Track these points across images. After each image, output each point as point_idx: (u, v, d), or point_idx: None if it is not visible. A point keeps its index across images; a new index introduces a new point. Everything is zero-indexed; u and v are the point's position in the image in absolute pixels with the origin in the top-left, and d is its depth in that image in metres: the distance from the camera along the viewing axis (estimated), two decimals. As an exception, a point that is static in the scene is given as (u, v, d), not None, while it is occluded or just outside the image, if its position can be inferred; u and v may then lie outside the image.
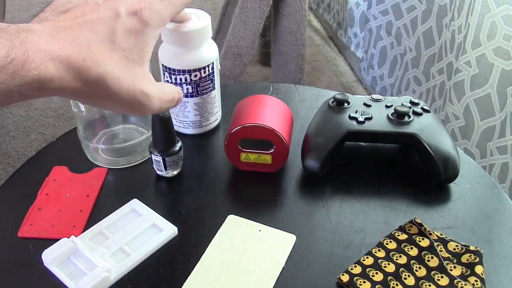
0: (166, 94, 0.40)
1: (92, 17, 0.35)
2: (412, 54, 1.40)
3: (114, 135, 0.61)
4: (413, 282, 0.47)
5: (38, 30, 0.32)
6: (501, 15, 0.97)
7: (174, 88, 0.41)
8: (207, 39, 0.59)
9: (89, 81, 0.33)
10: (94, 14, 0.35)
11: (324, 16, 2.08)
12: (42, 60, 0.31)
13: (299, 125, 0.66)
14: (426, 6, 1.29)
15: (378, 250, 0.50)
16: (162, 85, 0.40)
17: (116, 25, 0.35)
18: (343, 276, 0.48)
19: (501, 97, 1.01)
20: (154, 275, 0.49)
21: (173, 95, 0.41)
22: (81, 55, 0.33)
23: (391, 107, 0.59)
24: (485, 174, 0.60)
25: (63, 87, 0.33)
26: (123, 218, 0.53)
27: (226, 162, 0.60)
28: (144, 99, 0.37)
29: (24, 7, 2.17)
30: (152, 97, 0.38)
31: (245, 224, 0.53)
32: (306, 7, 1.47)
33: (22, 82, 0.30)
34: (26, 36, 0.31)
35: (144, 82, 0.37)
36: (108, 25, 0.35)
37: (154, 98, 0.38)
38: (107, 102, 0.36)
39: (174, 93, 0.41)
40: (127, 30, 0.36)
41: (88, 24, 0.34)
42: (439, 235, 0.51)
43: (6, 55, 0.29)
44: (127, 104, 0.36)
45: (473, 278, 0.47)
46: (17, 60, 0.30)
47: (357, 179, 0.59)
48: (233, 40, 1.41)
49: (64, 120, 1.61)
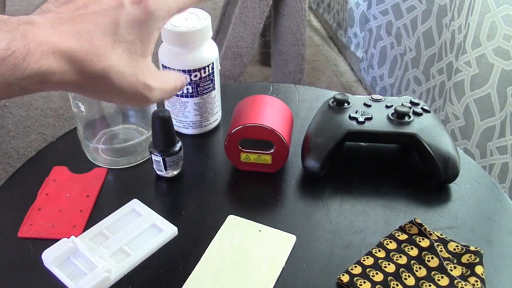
0: (168, 84, 0.39)
1: (94, 8, 0.34)
2: (412, 54, 1.40)
3: (114, 135, 0.61)
4: (413, 282, 0.47)
5: (40, 22, 0.32)
6: (501, 15, 0.97)
7: (176, 76, 0.41)
8: (207, 39, 0.59)
9: (92, 75, 0.33)
10: (97, 4, 0.34)
11: (324, 16, 2.08)
12: (43, 53, 0.30)
13: (299, 125, 0.66)
14: (426, 6, 1.29)
15: (378, 251, 0.50)
16: (164, 75, 0.40)
17: (119, 15, 0.34)
18: (343, 276, 0.48)
19: (501, 97, 1.01)
20: (154, 276, 0.49)
21: (176, 84, 0.40)
22: (83, 48, 0.32)
23: (391, 107, 0.59)
24: (485, 174, 0.60)
25: (65, 81, 0.32)
26: (123, 218, 0.53)
27: (226, 162, 0.60)
28: (147, 92, 0.37)
29: (24, 7, 2.17)
30: (155, 89, 0.37)
31: (245, 224, 0.53)
32: (306, 7, 1.47)
33: (23, 76, 0.30)
34: (27, 29, 0.30)
35: (146, 74, 0.36)
36: (111, 15, 0.34)
37: (157, 90, 0.38)
38: (108, 95, 0.36)
39: (176, 82, 0.40)
40: (131, 20, 0.35)
41: (90, 16, 0.33)
42: (439, 235, 0.51)
43: (6, 48, 0.29)
44: (129, 97, 0.36)
45: (473, 279, 0.47)
46: (18, 53, 0.29)
47: (357, 179, 0.59)
48: (233, 40, 1.41)
49: (64, 120, 1.61)
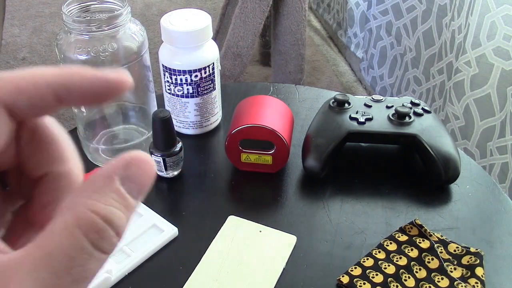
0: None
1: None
2: (412, 54, 1.40)
3: (114, 135, 0.61)
4: (413, 283, 0.47)
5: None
6: (501, 15, 0.97)
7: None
8: (208, 39, 0.59)
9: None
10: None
11: (324, 16, 2.08)
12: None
13: (299, 125, 0.66)
14: (426, 6, 1.29)
15: (378, 252, 0.50)
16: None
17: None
18: (343, 277, 0.48)
19: (501, 97, 1.01)
20: (154, 276, 0.48)
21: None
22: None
23: (392, 108, 0.59)
24: (486, 175, 0.60)
25: None
26: (124, 219, 0.53)
27: (227, 163, 0.60)
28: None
29: (24, 7, 2.17)
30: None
31: (246, 224, 0.53)
32: (306, 7, 1.47)
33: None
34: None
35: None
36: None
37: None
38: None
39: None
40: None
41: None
42: (440, 237, 0.51)
43: None
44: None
45: (474, 280, 0.47)
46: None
47: (357, 180, 0.59)
48: (233, 40, 1.41)
49: (64, 120, 1.61)
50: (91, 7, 0.55)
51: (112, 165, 0.18)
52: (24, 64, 1.82)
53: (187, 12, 0.60)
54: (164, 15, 0.60)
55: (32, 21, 2.07)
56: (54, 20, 2.07)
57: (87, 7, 0.55)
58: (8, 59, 1.85)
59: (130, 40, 0.55)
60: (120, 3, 0.55)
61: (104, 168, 0.18)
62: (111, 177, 0.17)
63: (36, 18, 2.10)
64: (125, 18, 0.54)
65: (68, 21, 0.52)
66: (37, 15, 2.11)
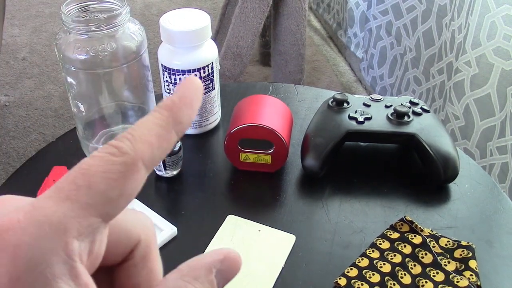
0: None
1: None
2: (412, 54, 1.40)
3: (113, 135, 0.61)
4: (410, 280, 0.47)
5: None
6: (501, 15, 0.97)
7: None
8: (207, 39, 0.59)
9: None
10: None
11: (324, 16, 2.08)
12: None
13: (298, 125, 0.66)
14: (426, 6, 1.29)
15: (372, 251, 0.50)
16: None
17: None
18: (340, 280, 0.47)
19: (501, 97, 1.01)
20: (153, 275, 0.48)
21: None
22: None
23: (391, 107, 0.59)
24: (485, 174, 0.60)
25: None
26: (123, 218, 0.53)
27: (226, 162, 0.60)
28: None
29: (24, 7, 2.17)
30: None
31: (245, 224, 0.53)
32: (306, 7, 1.47)
33: None
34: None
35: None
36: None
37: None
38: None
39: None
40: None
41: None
42: (430, 232, 0.51)
43: None
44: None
45: (468, 273, 0.47)
46: None
47: (356, 179, 0.59)
48: (233, 40, 1.41)
49: (64, 120, 1.61)
50: (90, 6, 0.55)
51: (212, 258, 0.20)
52: (24, 64, 1.82)
53: (187, 11, 0.60)
54: (164, 15, 0.60)
55: (32, 21, 2.07)
56: (54, 20, 2.08)
57: (86, 7, 0.55)
58: (8, 59, 1.85)
59: (129, 40, 0.55)
60: (119, 2, 0.55)
61: (206, 258, 0.20)
62: (211, 270, 0.20)
63: (36, 18, 2.10)
64: (124, 18, 0.54)
65: (67, 21, 0.52)
66: (37, 15, 2.11)
